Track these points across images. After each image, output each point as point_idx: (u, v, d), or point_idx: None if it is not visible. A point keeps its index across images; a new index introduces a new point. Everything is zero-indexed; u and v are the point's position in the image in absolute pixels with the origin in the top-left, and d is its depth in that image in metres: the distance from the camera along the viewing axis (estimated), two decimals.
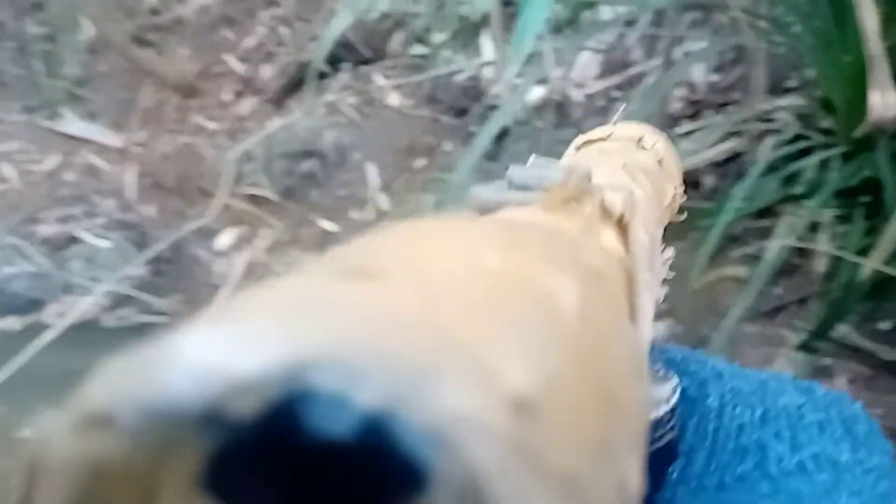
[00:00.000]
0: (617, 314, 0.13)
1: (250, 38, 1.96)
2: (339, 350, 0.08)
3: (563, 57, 1.58)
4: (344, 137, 1.82)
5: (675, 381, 0.20)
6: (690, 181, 1.32)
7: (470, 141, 1.82)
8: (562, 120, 1.65)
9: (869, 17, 0.76)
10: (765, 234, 1.10)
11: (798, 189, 1.08)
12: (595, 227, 0.17)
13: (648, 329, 0.18)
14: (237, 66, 1.94)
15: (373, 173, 1.79)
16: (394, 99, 1.86)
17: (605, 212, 0.18)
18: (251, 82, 1.92)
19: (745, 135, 1.20)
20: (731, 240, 1.16)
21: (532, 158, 0.22)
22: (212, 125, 1.87)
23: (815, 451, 0.20)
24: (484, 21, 1.57)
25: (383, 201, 1.76)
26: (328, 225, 1.72)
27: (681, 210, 0.26)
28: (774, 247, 1.04)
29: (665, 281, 0.22)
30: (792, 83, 1.27)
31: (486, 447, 0.07)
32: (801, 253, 1.05)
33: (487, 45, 1.76)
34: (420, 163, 1.82)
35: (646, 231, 0.19)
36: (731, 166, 1.26)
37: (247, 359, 0.08)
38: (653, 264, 0.19)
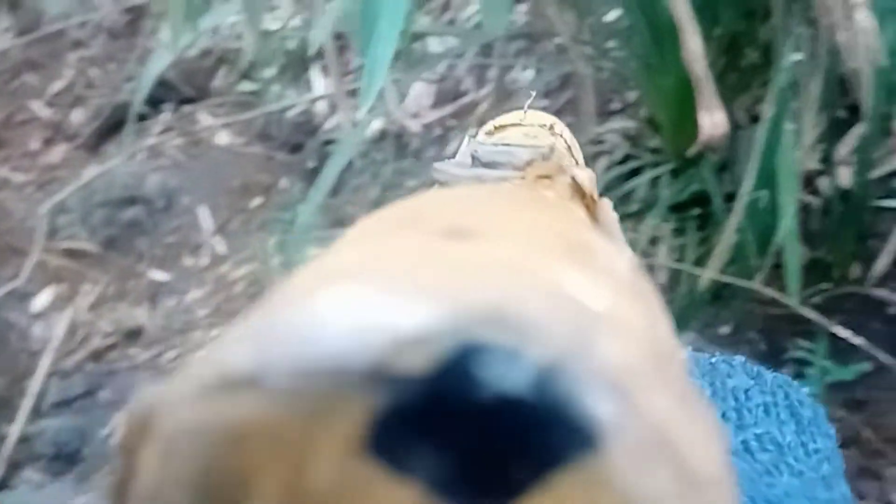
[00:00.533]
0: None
1: (57, 81, 1.81)
2: (503, 307, 0.07)
3: (398, 88, 1.57)
4: (170, 181, 1.71)
5: None
6: None
7: (307, 177, 1.76)
8: (400, 151, 1.65)
9: (693, 40, 0.80)
10: None
11: (633, 207, 1.12)
12: (570, 204, 0.18)
13: None
14: (44, 112, 1.78)
15: (205, 216, 1.69)
16: (223, 138, 1.77)
17: (576, 189, 0.19)
18: (61, 128, 1.76)
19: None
20: None
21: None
22: (19, 177, 1.70)
23: (758, 432, 0.20)
24: (314, 55, 1.53)
25: (219, 245, 1.67)
26: (159, 275, 1.60)
27: None
28: None
29: None
30: (619, 105, 1.34)
31: (660, 397, 0.07)
32: (643, 268, 1.09)
33: (318, 79, 1.72)
34: (256, 202, 1.74)
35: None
36: None
37: (412, 314, 0.07)
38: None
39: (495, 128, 0.27)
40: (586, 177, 0.19)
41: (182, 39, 0.99)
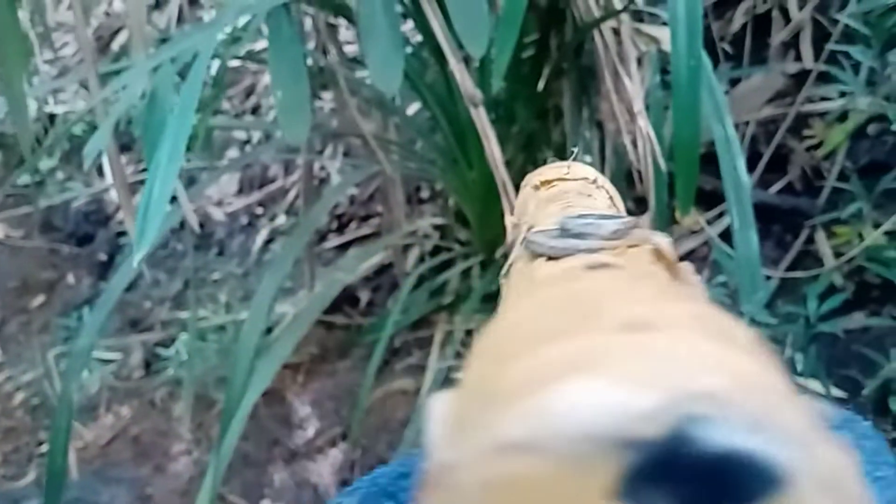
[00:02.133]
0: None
1: None
2: (706, 388, 0.10)
3: (198, 175, 1.50)
4: None
5: None
6: (348, 298, 1.32)
7: (98, 271, 1.62)
8: (203, 241, 1.56)
9: (492, 146, 0.82)
10: (425, 344, 1.13)
11: (447, 298, 1.13)
12: (653, 265, 0.20)
13: None
14: None
15: None
16: None
17: (658, 255, 0.21)
18: None
19: (391, 248, 1.23)
20: (394, 353, 1.17)
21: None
22: None
23: None
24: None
25: None
26: None
27: (346, 327, 0.27)
28: (434, 357, 1.06)
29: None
30: (428, 193, 1.35)
31: (825, 444, 0.10)
32: (463, 357, 1.09)
33: (109, 167, 1.60)
34: (37, 301, 1.57)
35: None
36: (383, 279, 1.29)
37: (640, 397, 0.10)
38: None
39: (541, 183, 0.28)
40: (666, 243, 0.21)
41: None
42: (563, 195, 0.27)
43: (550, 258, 0.21)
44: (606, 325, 0.13)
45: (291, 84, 0.69)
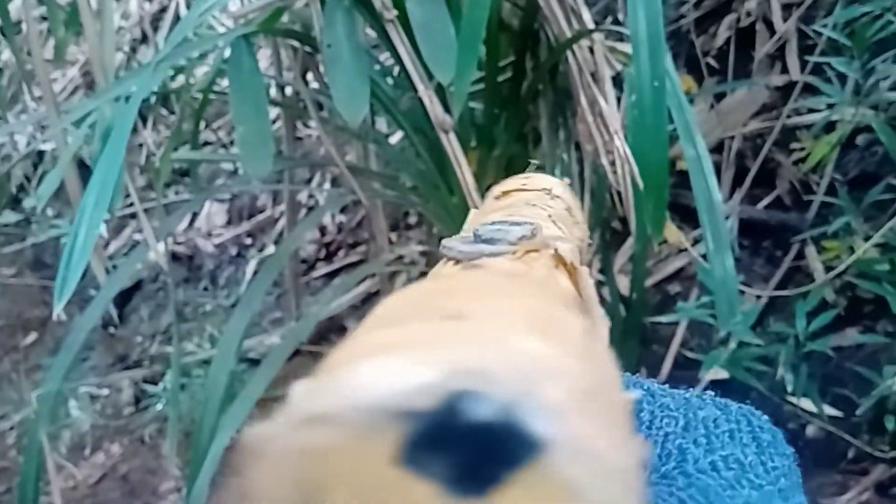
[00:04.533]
0: (599, 337, 0.18)
1: None
2: (478, 367, 0.11)
3: (184, 207, 1.49)
4: None
5: None
6: (336, 327, 1.30)
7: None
8: (193, 272, 1.55)
9: (464, 172, 0.81)
10: None
11: None
12: (553, 273, 0.22)
13: None
14: None
15: None
16: None
17: (559, 260, 0.22)
18: None
19: (378, 275, 1.22)
20: None
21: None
22: None
23: (724, 454, 0.24)
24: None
25: None
26: None
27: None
28: None
29: None
30: (415, 219, 1.34)
31: (586, 419, 0.11)
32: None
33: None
34: (30, 339, 1.56)
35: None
36: (370, 307, 1.27)
37: (423, 374, 0.11)
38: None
39: (502, 193, 0.30)
40: (567, 249, 0.23)
41: None
42: (514, 205, 0.28)
43: (458, 262, 0.22)
44: (431, 314, 0.14)
45: (253, 118, 0.68)
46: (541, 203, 0.28)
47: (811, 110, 1.13)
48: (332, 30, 0.74)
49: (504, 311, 0.14)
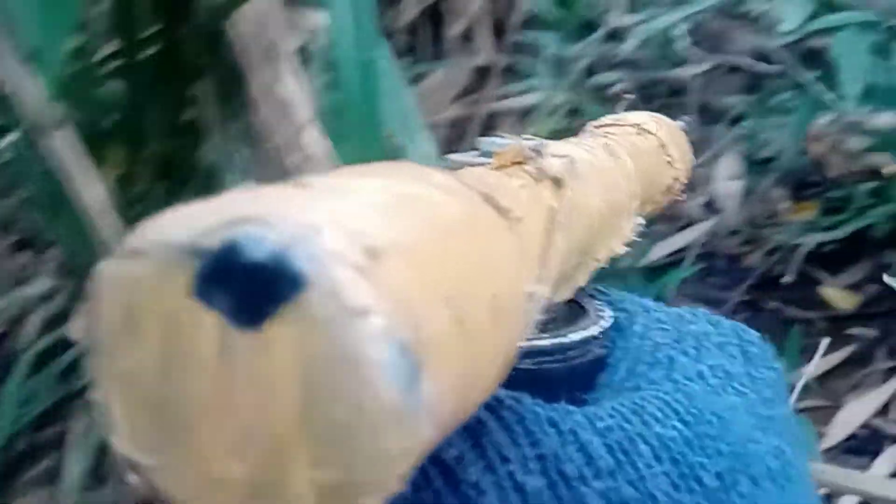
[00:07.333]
0: (503, 237, 0.17)
1: None
2: (259, 214, 0.12)
3: None
4: None
5: (609, 312, 0.26)
6: None
7: None
8: None
9: (87, 183, 0.56)
10: None
11: None
12: (532, 185, 0.22)
13: (555, 268, 0.21)
14: None
15: None
16: None
17: (542, 173, 0.22)
18: None
19: None
20: None
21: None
22: None
23: (712, 364, 0.25)
24: None
25: None
26: None
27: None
28: None
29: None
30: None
31: (342, 268, 0.12)
32: None
33: None
34: None
35: (590, 193, 0.24)
36: None
37: (213, 218, 0.12)
38: (601, 225, 0.25)
39: (596, 127, 0.30)
40: (556, 163, 0.22)
41: None
42: (580, 136, 0.28)
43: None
44: (298, 183, 0.15)
45: None
46: (613, 135, 0.28)
47: (524, 92, 1.04)
48: None
49: (360, 189, 0.15)
